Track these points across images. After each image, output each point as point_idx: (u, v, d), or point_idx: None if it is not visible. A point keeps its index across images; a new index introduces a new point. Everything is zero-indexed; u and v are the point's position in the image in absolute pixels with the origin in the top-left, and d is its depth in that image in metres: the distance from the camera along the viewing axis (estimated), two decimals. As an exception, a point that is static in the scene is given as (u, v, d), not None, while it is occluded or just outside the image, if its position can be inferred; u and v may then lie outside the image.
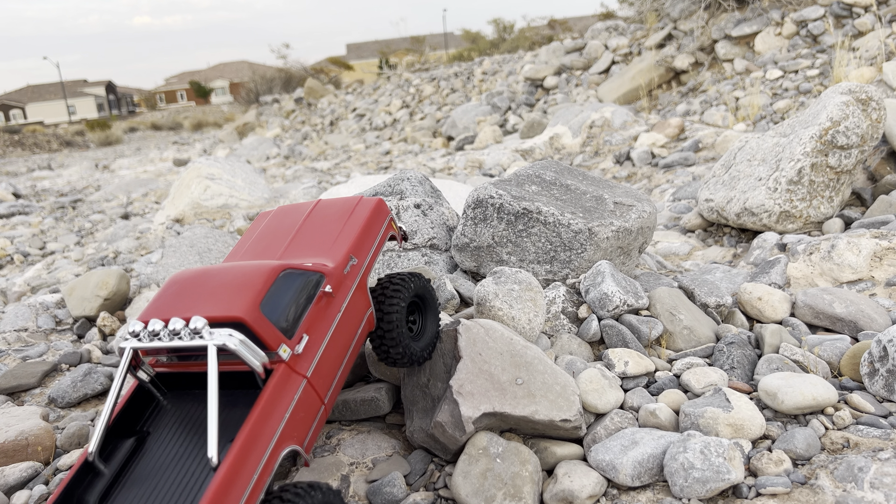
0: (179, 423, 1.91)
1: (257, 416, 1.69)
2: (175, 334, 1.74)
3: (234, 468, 1.59)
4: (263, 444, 1.68)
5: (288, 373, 1.81)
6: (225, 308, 1.75)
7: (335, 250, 2.16)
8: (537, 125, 11.24)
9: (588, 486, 2.13)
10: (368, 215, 2.34)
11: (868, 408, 2.37)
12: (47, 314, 4.71)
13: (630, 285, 2.98)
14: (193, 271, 1.95)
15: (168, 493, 1.71)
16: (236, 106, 36.32)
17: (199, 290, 1.85)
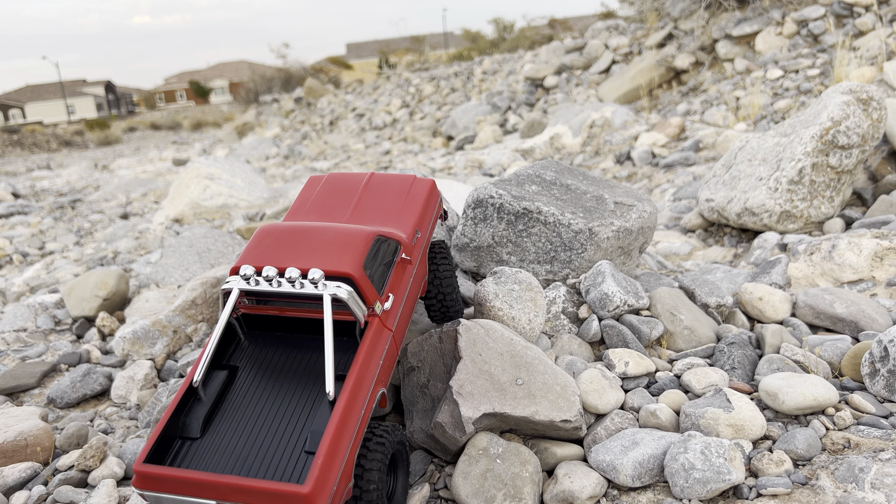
0: (261, 361, 2.11)
1: (362, 360, 1.92)
2: (291, 282, 1.95)
3: (349, 402, 1.81)
4: (367, 383, 1.92)
5: (380, 326, 2.06)
6: (336, 264, 1.98)
7: (403, 222, 2.41)
8: (537, 125, 11.23)
9: (588, 486, 2.12)
10: (427, 195, 2.59)
11: (869, 408, 2.36)
12: (46, 314, 4.71)
13: (630, 285, 2.98)
14: (286, 227, 2.14)
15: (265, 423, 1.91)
16: (236, 105, 36.31)
17: (303, 245, 2.05)
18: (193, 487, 1.72)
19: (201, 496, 1.73)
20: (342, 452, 1.76)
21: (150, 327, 3.97)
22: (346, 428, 1.79)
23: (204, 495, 1.72)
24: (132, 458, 2.79)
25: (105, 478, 2.68)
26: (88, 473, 2.73)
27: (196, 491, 1.73)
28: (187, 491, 1.73)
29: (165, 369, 3.74)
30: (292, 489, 1.64)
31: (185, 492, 1.74)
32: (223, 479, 1.69)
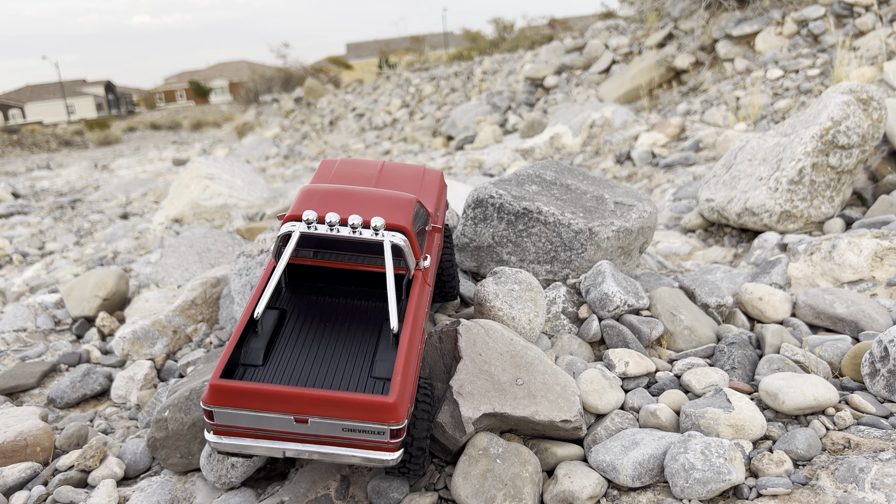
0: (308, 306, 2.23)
1: (416, 302, 2.05)
2: (354, 229, 2.06)
3: (412, 336, 1.94)
4: (420, 323, 2.05)
5: (423, 280, 2.20)
6: (392, 217, 2.11)
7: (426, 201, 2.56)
8: (537, 125, 11.23)
9: (588, 486, 2.12)
10: (439, 182, 2.78)
11: (869, 408, 2.36)
12: (46, 314, 4.71)
13: (631, 285, 2.98)
14: (333, 186, 2.26)
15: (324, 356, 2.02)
16: (235, 105, 36.31)
17: (356, 200, 2.17)
18: (272, 401, 1.74)
19: (280, 410, 1.74)
20: (410, 376, 1.88)
21: (150, 327, 3.97)
22: (411, 357, 1.91)
23: (283, 409, 1.74)
24: (132, 459, 2.79)
25: (105, 478, 2.68)
26: (88, 473, 2.73)
27: (275, 404, 1.74)
28: (265, 405, 1.75)
29: (165, 369, 3.74)
30: (379, 399, 1.72)
31: (263, 406, 1.75)
32: (306, 392, 1.73)
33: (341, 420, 1.76)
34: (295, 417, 1.76)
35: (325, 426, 1.78)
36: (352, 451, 1.83)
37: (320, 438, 1.82)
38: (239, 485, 2.48)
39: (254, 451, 1.86)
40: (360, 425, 1.76)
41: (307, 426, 1.78)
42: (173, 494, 2.54)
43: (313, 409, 1.75)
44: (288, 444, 1.84)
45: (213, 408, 1.80)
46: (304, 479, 2.36)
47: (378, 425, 1.76)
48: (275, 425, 1.80)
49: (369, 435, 1.79)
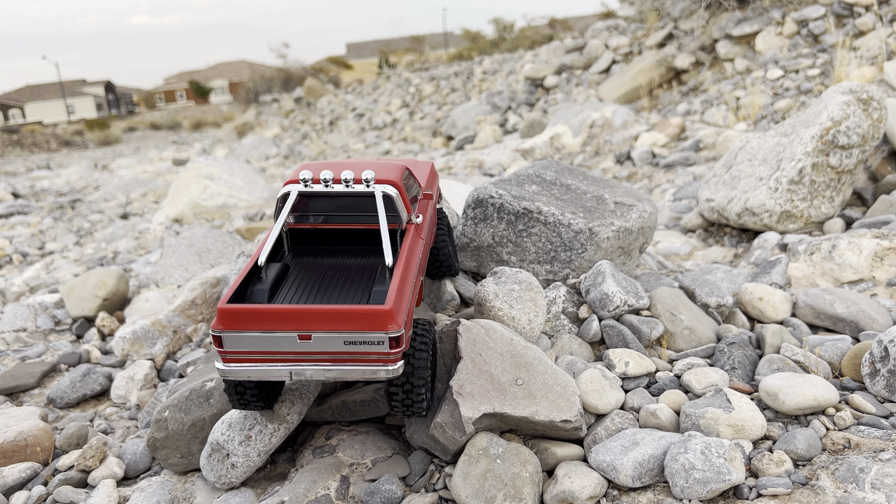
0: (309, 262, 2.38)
1: (409, 246, 2.20)
2: (346, 183, 2.21)
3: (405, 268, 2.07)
4: (413, 265, 2.18)
5: (416, 233, 2.36)
6: (382, 175, 2.28)
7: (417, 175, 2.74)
8: (537, 125, 11.23)
9: (588, 486, 2.12)
10: (430, 168, 3.01)
11: (869, 408, 2.36)
12: (46, 314, 4.70)
13: (631, 285, 2.97)
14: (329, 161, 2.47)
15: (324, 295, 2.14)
16: (235, 105, 36.30)
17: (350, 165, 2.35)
18: (277, 319, 1.85)
19: (284, 328, 1.85)
20: (405, 296, 1.99)
21: (150, 327, 3.97)
22: (406, 282, 2.03)
23: (287, 326, 1.85)
24: (132, 459, 2.79)
25: (105, 478, 2.68)
26: (88, 473, 2.73)
27: (279, 323, 1.86)
28: (270, 324, 1.86)
29: (165, 369, 3.74)
30: (376, 307, 1.84)
31: (268, 325, 1.86)
32: (308, 307, 1.84)
33: (342, 332, 1.85)
34: (299, 335, 1.86)
35: (327, 341, 1.87)
36: (354, 366, 1.91)
37: (324, 356, 1.91)
38: (239, 485, 2.48)
39: (261, 375, 1.94)
40: (361, 336, 1.86)
41: (311, 343, 1.87)
42: (173, 494, 2.54)
43: (315, 323, 1.85)
44: (293, 365, 1.92)
45: (222, 332, 1.89)
46: (304, 480, 2.36)
47: (377, 334, 1.85)
48: (280, 345, 1.88)
49: (370, 346, 1.87)
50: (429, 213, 2.63)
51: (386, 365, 1.91)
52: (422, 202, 2.63)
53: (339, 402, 2.67)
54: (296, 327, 1.87)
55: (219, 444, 2.41)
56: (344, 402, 2.66)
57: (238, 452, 2.39)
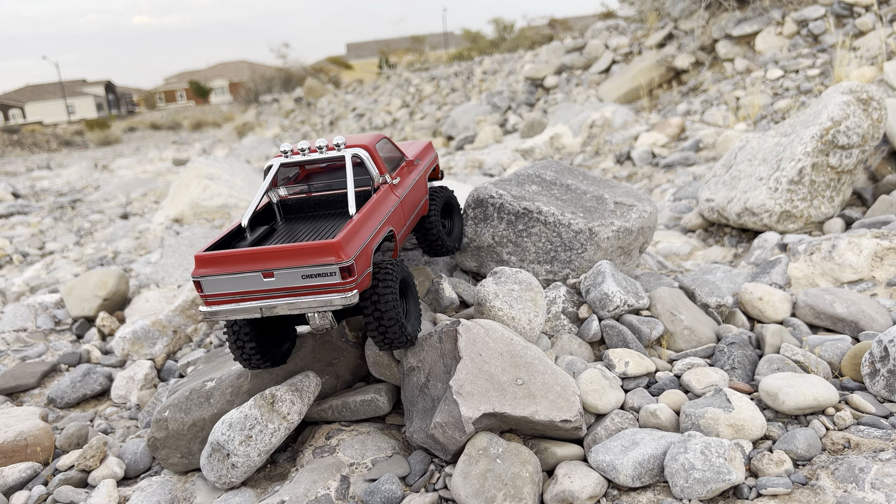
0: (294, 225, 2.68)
1: (374, 200, 2.48)
2: (321, 149, 2.54)
3: (365, 215, 2.34)
4: (378, 214, 2.45)
5: (389, 190, 2.64)
6: (355, 141, 2.63)
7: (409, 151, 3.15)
8: (537, 125, 11.23)
9: (588, 486, 2.12)
10: (425, 145, 3.33)
11: (869, 408, 2.36)
12: (46, 314, 4.71)
13: (631, 285, 2.97)
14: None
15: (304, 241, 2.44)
16: (236, 105, 36.28)
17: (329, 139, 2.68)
18: (242, 260, 2.14)
19: (249, 268, 2.13)
20: (362, 237, 2.26)
21: (150, 327, 3.97)
22: (364, 226, 2.31)
23: (251, 266, 2.13)
24: (132, 458, 2.79)
25: (105, 478, 2.68)
26: (88, 473, 2.73)
27: (245, 263, 2.14)
28: (237, 264, 2.14)
29: (165, 369, 3.74)
30: (325, 241, 2.11)
31: (236, 265, 2.14)
32: (268, 248, 2.13)
33: (298, 267, 2.10)
34: (262, 272, 2.12)
35: (287, 276, 2.13)
36: (313, 297, 2.15)
37: (287, 291, 2.16)
38: (239, 485, 2.48)
39: (237, 313, 2.20)
40: (315, 269, 2.10)
41: (274, 280, 2.14)
42: (173, 494, 2.54)
43: (275, 261, 2.12)
44: (262, 301, 2.17)
45: (200, 277, 2.17)
46: (304, 479, 2.36)
47: (328, 265, 2.10)
48: (249, 285, 2.15)
49: (324, 278, 2.12)
50: (411, 178, 2.89)
51: (342, 293, 2.13)
52: (404, 168, 2.88)
53: (340, 402, 2.67)
54: (258, 266, 2.13)
55: (219, 444, 2.41)
56: (344, 402, 2.66)
57: (238, 452, 2.39)
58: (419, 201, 2.99)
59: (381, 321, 2.32)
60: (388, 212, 2.53)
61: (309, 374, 2.59)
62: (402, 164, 2.91)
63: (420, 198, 3.01)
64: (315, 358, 2.72)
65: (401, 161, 2.92)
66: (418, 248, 3.55)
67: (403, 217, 2.73)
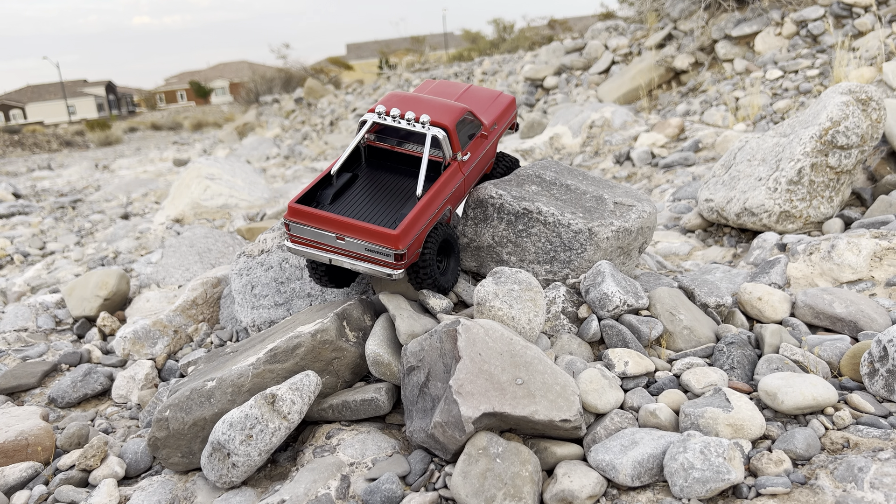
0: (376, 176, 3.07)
1: (441, 181, 2.82)
2: (408, 121, 2.88)
3: (428, 200, 2.72)
4: (441, 195, 2.82)
5: (457, 168, 2.96)
6: (439, 117, 2.89)
7: (487, 115, 3.32)
8: (537, 125, 11.24)
9: (588, 486, 2.13)
10: (507, 104, 3.51)
11: (868, 408, 2.37)
12: (47, 314, 4.71)
13: (630, 285, 2.98)
14: (409, 93, 3.07)
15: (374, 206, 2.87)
16: (236, 106, 36.29)
17: (419, 104, 2.97)
18: (324, 221, 2.61)
19: (328, 229, 2.62)
20: (419, 226, 2.65)
21: (151, 327, 3.98)
22: (424, 213, 2.69)
23: (330, 228, 2.62)
24: (133, 458, 2.80)
25: (106, 477, 2.68)
26: (89, 473, 2.74)
27: (325, 224, 2.62)
28: (319, 224, 2.62)
29: (166, 369, 3.74)
30: (389, 232, 2.55)
31: (318, 224, 2.63)
32: (344, 219, 2.60)
33: (364, 241, 2.58)
34: (336, 235, 2.62)
35: (354, 245, 2.61)
36: (371, 265, 2.64)
37: (352, 254, 2.65)
38: (240, 484, 2.49)
39: (311, 256, 2.73)
40: (375, 247, 2.58)
41: (344, 243, 2.63)
42: (174, 494, 2.55)
43: (347, 231, 2.60)
44: (332, 254, 2.68)
45: (290, 221, 2.69)
46: (304, 479, 2.37)
47: (386, 248, 2.57)
48: (325, 239, 2.66)
49: (381, 255, 2.59)
50: (481, 150, 3.20)
51: (393, 270, 2.62)
52: (477, 140, 3.16)
53: (340, 401, 2.68)
54: (334, 230, 2.62)
55: (220, 444, 2.42)
56: (344, 402, 2.67)
57: (239, 452, 2.39)
58: (484, 167, 3.37)
59: (419, 275, 2.80)
60: (451, 192, 2.92)
61: (309, 373, 2.59)
62: (477, 135, 3.16)
63: (486, 163, 3.37)
64: (315, 358, 2.73)
65: (477, 129, 3.17)
66: None
67: (464, 189, 3.10)
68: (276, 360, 2.69)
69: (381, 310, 3.04)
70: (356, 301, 2.99)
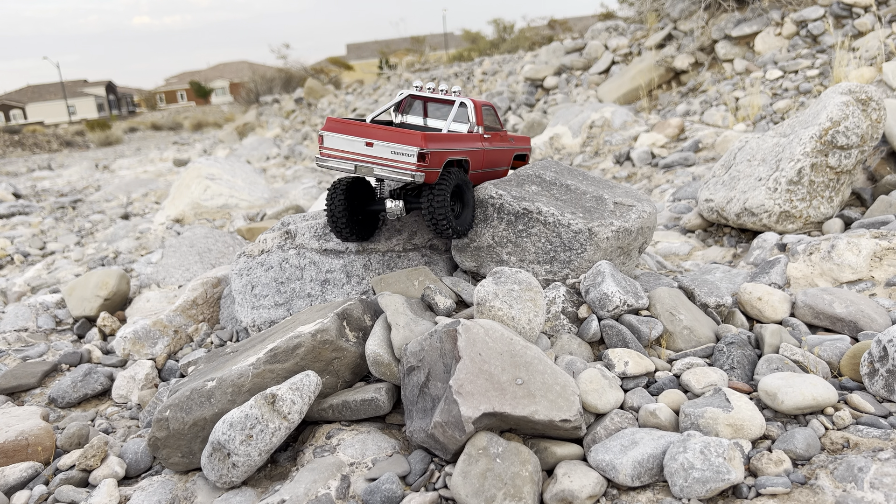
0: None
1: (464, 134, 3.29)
2: (443, 91, 3.49)
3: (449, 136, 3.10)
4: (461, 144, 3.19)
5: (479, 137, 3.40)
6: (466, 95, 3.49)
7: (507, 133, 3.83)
8: (537, 125, 11.24)
9: (588, 486, 2.13)
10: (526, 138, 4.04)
11: (868, 408, 2.37)
12: (47, 314, 4.71)
13: (630, 285, 2.98)
14: None
15: None
16: (236, 106, 36.29)
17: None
18: (357, 130, 2.97)
19: (359, 135, 2.97)
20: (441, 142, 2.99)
21: (151, 327, 3.98)
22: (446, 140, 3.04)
23: (361, 135, 2.96)
24: (133, 458, 2.80)
25: (106, 477, 2.68)
26: (89, 473, 2.74)
27: (357, 132, 2.97)
28: (353, 132, 2.98)
29: (166, 369, 3.75)
30: (413, 132, 2.88)
31: (352, 132, 2.98)
32: (375, 126, 2.96)
33: (391, 143, 2.90)
34: (366, 141, 2.94)
35: (382, 148, 2.92)
36: (394, 168, 2.92)
37: (377, 159, 2.95)
38: (240, 484, 2.49)
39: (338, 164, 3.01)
40: (401, 148, 2.88)
41: (372, 149, 2.94)
42: (174, 494, 2.55)
43: (377, 136, 2.93)
44: (358, 162, 2.98)
45: (326, 133, 3.02)
46: (304, 479, 2.37)
47: (411, 148, 2.87)
48: (354, 147, 2.97)
49: (405, 157, 2.89)
50: (499, 144, 3.61)
51: (414, 171, 2.88)
52: (497, 135, 3.61)
53: (340, 401, 2.68)
54: (365, 136, 2.95)
55: (220, 444, 2.42)
56: (344, 402, 2.67)
57: (239, 452, 2.40)
58: (498, 164, 3.67)
59: (434, 214, 3.01)
60: (470, 148, 3.23)
61: (309, 373, 2.60)
62: (497, 132, 3.62)
63: (500, 161, 3.70)
64: (315, 358, 2.73)
65: (498, 129, 3.64)
66: (418, 250, 3.56)
67: (481, 162, 3.43)
68: (276, 360, 2.69)
69: (381, 310, 3.04)
70: (356, 301, 2.99)
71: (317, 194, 9.03)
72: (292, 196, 8.99)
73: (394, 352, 2.69)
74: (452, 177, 3.05)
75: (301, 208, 7.76)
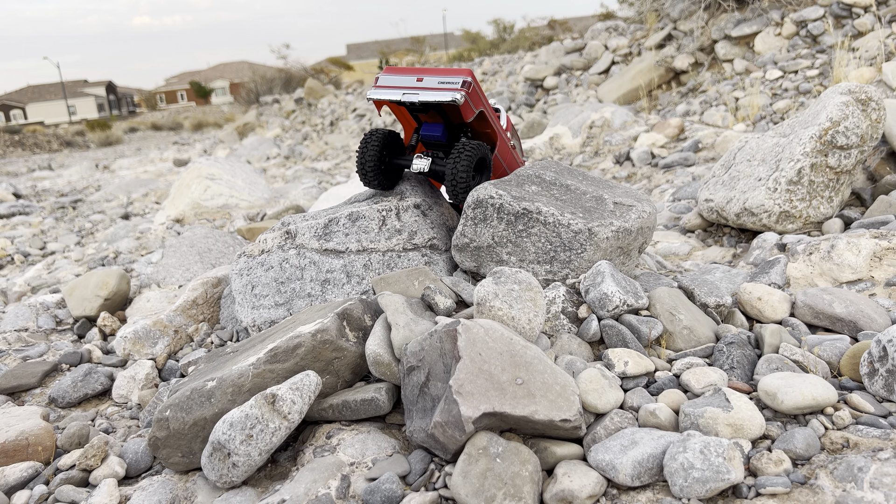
0: None
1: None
2: None
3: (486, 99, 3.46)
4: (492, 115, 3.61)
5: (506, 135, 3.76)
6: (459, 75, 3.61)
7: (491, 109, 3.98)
8: (537, 125, 11.24)
9: (588, 485, 2.13)
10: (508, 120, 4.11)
11: (868, 408, 2.37)
12: (47, 314, 4.72)
13: (630, 285, 2.98)
14: None
15: None
16: (236, 106, 36.28)
17: None
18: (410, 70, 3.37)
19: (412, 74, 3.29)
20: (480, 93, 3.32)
21: (152, 327, 3.98)
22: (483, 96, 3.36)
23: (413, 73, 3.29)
24: (133, 458, 2.80)
25: (106, 477, 2.69)
26: (90, 473, 2.74)
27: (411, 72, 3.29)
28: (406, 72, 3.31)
29: (167, 369, 3.75)
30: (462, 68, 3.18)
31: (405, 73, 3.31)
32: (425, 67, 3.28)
33: (440, 76, 3.22)
34: (417, 77, 3.28)
35: (430, 81, 3.24)
36: (438, 93, 3.18)
37: (424, 87, 3.23)
38: (240, 484, 2.49)
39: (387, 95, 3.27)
40: (448, 79, 3.21)
41: (422, 83, 3.25)
42: (174, 493, 2.55)
43: (428, 71, 3.27)
44: (405, 91, 3.25)
45: (382, 74, 3.35)
46: (304, 479, 2.37)
47: (457, 77, 3.20)
48: (405, 83, 3.29)
49: (451, 83, 3.18)
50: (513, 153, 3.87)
51: (457, 93, 3.15)
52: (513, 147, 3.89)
53: (340, 401, 2.68)
54: (416, 74, 3.30)
55: (220, 444, 2.42)
56: (344, 402, 2.67)
57: (239, 451, 2.40)
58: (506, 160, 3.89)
59: (455, 179, 3.25)
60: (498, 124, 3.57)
61: (309, 373, 2.60)
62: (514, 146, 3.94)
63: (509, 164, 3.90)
64: (315, 358, 2.73)
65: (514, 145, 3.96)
66: (418, 250, 3.57)
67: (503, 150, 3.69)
68: (276, 359, 2.70)
69: (381, 310, 3.04)
70: (356, 301, 3.00)
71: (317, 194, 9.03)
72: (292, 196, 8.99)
73: (394, 352, 2.69)
74: (479, 148, 3.32)
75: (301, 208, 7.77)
